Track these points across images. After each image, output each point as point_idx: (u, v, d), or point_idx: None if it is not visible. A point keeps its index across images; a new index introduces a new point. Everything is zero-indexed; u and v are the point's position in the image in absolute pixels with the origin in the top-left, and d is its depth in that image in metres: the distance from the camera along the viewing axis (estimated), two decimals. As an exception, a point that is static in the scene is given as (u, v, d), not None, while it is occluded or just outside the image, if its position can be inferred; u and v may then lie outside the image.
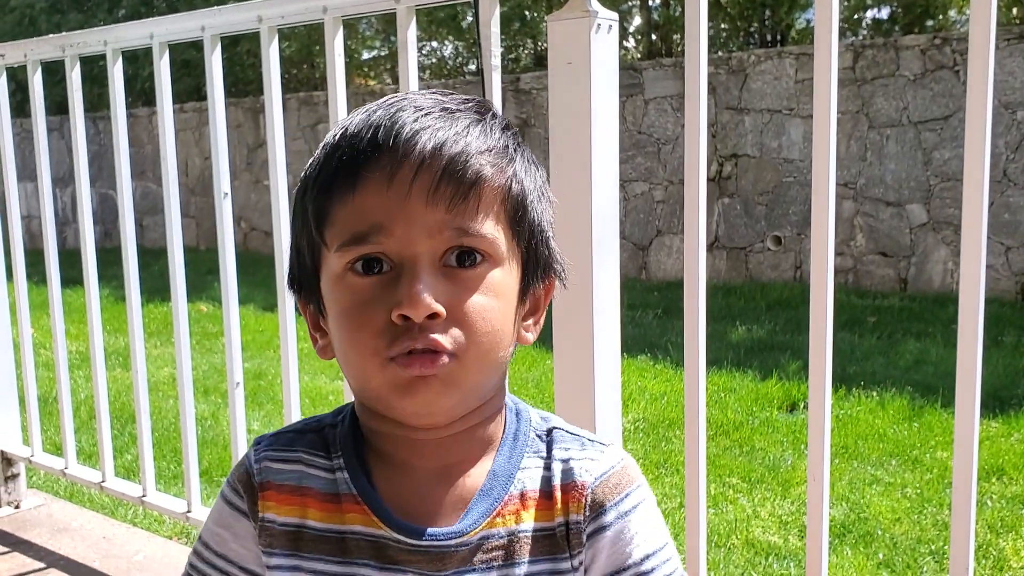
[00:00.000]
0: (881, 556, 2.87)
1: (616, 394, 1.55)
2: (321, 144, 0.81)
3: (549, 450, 0.85)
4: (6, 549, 2.58)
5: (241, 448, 2.19)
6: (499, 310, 0.78)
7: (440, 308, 0.74)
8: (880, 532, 3.02)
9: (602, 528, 0.82)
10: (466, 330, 0.76)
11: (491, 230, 0.77)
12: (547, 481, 0.84)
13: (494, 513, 0.81)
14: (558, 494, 0.83)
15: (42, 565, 2.48)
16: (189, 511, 2.36)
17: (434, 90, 0.82)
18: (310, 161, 0.81)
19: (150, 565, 2.48)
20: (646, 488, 0.86)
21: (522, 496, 0.83)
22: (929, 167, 6.60)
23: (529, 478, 0.83)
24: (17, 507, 2.86)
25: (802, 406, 4.26)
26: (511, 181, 0.78)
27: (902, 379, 4.60)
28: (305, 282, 0.83)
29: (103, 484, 2.57)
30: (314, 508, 0.83)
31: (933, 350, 5.13)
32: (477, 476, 0.83)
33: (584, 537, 0.82)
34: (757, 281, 7.37)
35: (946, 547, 2.84)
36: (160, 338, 6.14)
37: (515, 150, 0.80)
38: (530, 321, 0.85)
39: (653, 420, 4.21)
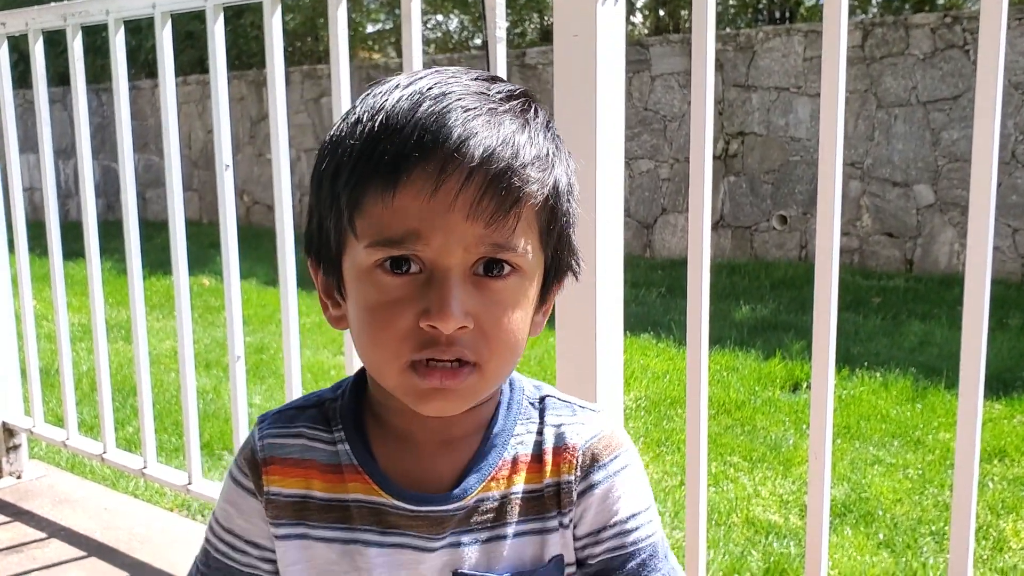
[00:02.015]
0: (881, 536, 2.87)
1: (618, 372, 1.54)
2: (354, 118, 0.78)
3: (542, 417, 0.89)
4: (7, 519, 2.59)
5: (242, 421, 2.19)
6: (521, 320, 0.80)
7: (469, 322, 0.76)
8: (881, 512, 3.03)
9: (591, 487, 0.86)
10: (490, 343, 0.78)
11: (524, 245, 0.77)
12: (539, 446, 0.87)
13: (488, 478, 0.85)
14: (548, 457, 0.87)
15: (43, 535, 2.49)
16: (190, 483, 2.37)
17: (475, 75, 0.80)
18: (340, 133, 0.79)
19: (151, 536, 2.49)
20: (634, 452, 0.90)
21: (515, 461, 0.86)
22: (937, 147, 6.56)
23: (521, 444, 0.87)
24: (19, 478, 2.87)
25: (804, 386, 4.26)
26: (549, 192, 0.79)
27: (906, 360, 4.59)
28: (325, 256, 0.83)
29: (104, 456, 2.58)
30: (317, 479, 0.87)
31: (938, 331, 5.12)
32: (473, 443, 0.86)
33: (575, 495, 0.86)
34: (762, 260, 7.35)
35: (946, 528, 2.84)
36: (162, 311, 6.15)
37: (555, 153, 0.80)
38: (539, 315, 0.87)
39: (655, 398, 4.21)
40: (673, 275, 6.86)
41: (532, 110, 0.80)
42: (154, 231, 5.40)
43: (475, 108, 0.75)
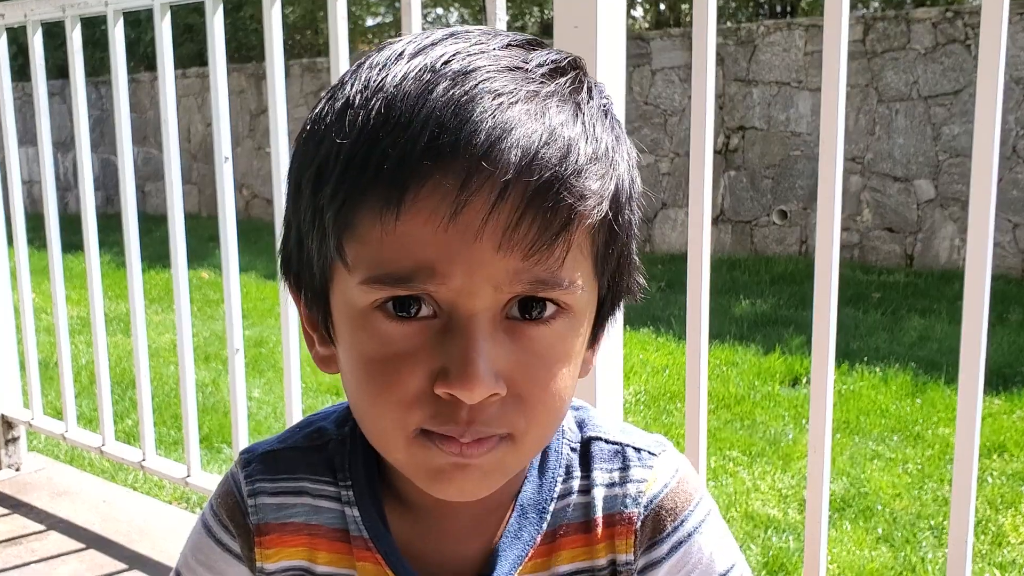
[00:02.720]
0: (880, 531, 2.87)
1: (618, 367, 1.54)
2: (342, 100, 0.58)
3: (587, 470, 0.70)
4: (6, 511, 2.59)
5: (241, 414, 2.19)
6: (569, 376, 0.62)
7: (501, 388, 0.57)
8: (880, 507, 3.03)
9: (658, 562, 0.70)
10: (529, 411, 0.59)
11: (573, 276, 0.58)
12: (586, 510, 0.70)
13: (526, 559, 0.69)
14: (600, 528, 0.69)
15: (42, 527, 2.49)
16: (188, 476, 2.37)
17: (506, 39, 0.59)
18: (324, 122, 0.59)
19: (149, 529, 2.49)
20: (708, 500, 0.72)
21: (556, 533, 0.69)
22: (938, 142, 6.56)
23: (564, 509, 0.70)
24: (17, 470, 2.87)
25: (804, 381, 4.26)
26: (608, 204, 0.58)
27: (906, 355, 4.59)
28: (308, 283, 0.64)
29: (103, 448, 2.58)
30: (324, 550, 0.71)
31: (938, 326, 5.12)
32: (503, 512, 0.70)
33: (635, 575, 0.70)
34: (762, 255, 7.35)
35: (945, 522, 2.85)
36: (161, 304, 6.14)
37: (615, 148, 0.60)
38: (590, 352, 0.68)
39: (655, 393, 4.21)
40: (673, 270, 6.86)
41: (584, 89, 0.60)
42: (153, 224, 5.41)
43: (510, 92, 0.55)
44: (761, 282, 6.47)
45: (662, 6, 10.96)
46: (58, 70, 8.86)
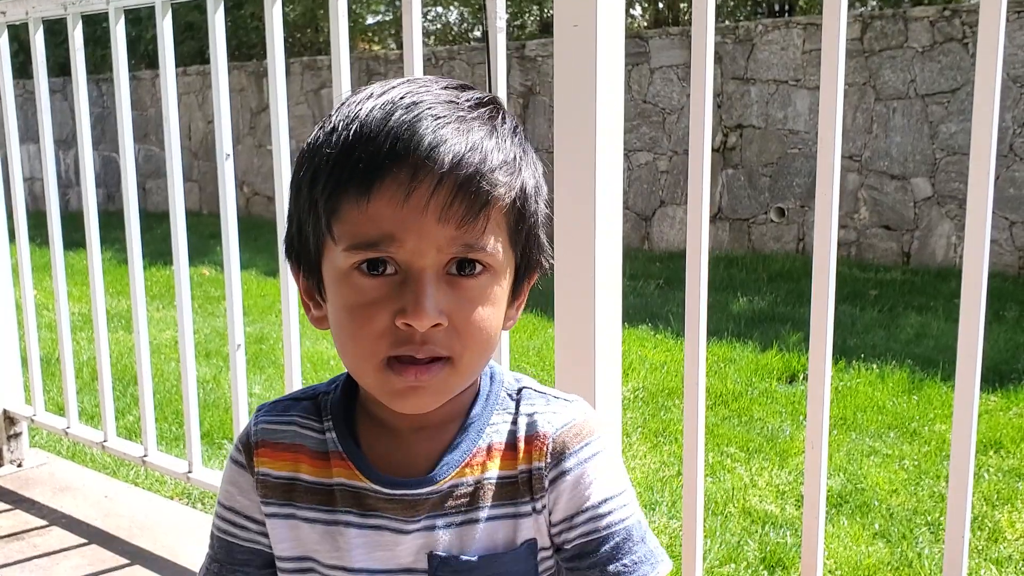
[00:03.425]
0: (877, 526, 2.89)
1: (616, 363, 1.55)
2: (330, 126, 0.82)
3: (517, 407, 0.92)
4: (8, 507, 2.60)
5: (242, 410, 2.21)
6: (493, 316, 0.84)
7: (443, 320, 0.79)
8: (877, 503, 3.04)
9: (563, 473, 0.88)
10: (464, 339, 0.81)
11: (493, 244, 0.81)
12: (512, 434, 0.91)
13: (463, 464, 0.89)
14: (521, 444, 0.90)
15: (44, 523, 2.51)
16: (190, 471, 2.38)
17: (445, 83, 0.84)
18: (317, 141, 0.83)
19: (151, 524, 2.50)
20: (607, 439, 0.92)
21: (489, 448, 0.90)
22: (935, 140, 6.57)
23: (496, 432, 0.91)
24: (19, 465, 2.88)
25: (801, 377, 4.27)
26: (516, 194, 0.82)
27: (902, 352, 4.61)
28: (305, 259, 0.87)
29: (105, 444, 2.59)
30: (306, 463, 0.92)
31: (934, 324, 5.14)
32: (450, 431, 0.90)
33: (546, 482, 0.89)
34: (760, 253, 7.36)
35: (942, 518, 2.86)
36: (162, 301, 6.15)
37: (522, 157, 0.84)
38: (512, 309, 0.91)
39: (653, 389, 4.22)
40: (671, 267, 6.87)
41: (500, 116, 0.84)
42: (154, 221, 5.41)
43: (445, 116, 0.79)
44: (759, 279, 6.49)
45: (660, 5, 10.95)
46: (59, 67, 8.85)
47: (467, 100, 0.82)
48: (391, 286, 0.79)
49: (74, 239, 3.09)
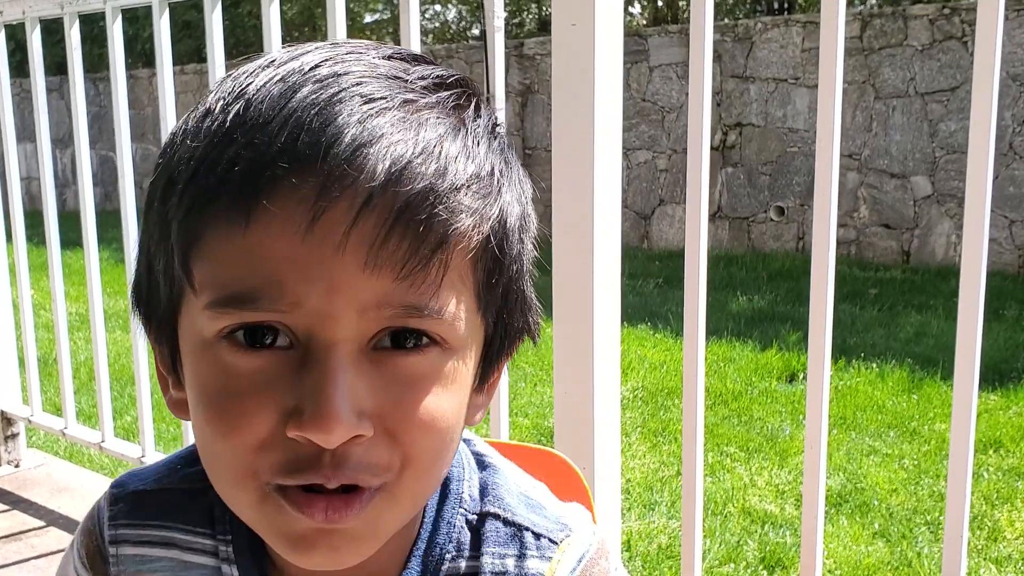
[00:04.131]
0: (877, 526, 2.88)
1: (615, 362, 1.55)
2: (204, 108, 0.53)
3: (477, 551, 0.61)
4: (6, 507, 2.59)
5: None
6: (451, 410, 0.54)
7: (367, 429, 0.50)
8: (876, 502, 3.04)
9: None
10: (404, 448, 0.52)
11: (452, 308, 0.51)
12: None
13: None
14: None
15: (42, 523, 2.50)
16: (188, 473, 2.37)
17: (389, 51, 0.55)
18: (175, 135, 0.54)
19: (149, 526, 2.50)
20: (614, 558, 0.65)
21: None
22: (935, 139, 6.57)
23: None
24: (17, 466, 2.88)
25: (801, 377, 4.27)
26: (491, 228, 0.53)
27: (902, 351, 4.60)
28: (156, 310, 0.57)
29: (103, 444, 2.58)
30: None
31: (934, 323, 5.14)
32: (396, 571, 0.63)
33: None
34: (759, 251, 7.36)
35: (941, 518, 2.86)
36: (161, 301, 6.14)
37: (503, 172, 0.54)
38: (481, 395, 0.60)
39: (652, 389, 4.22)
40: (670, 266, 6.86)
41: (472, 106, 0.54)
42: (151, 221, 5.39)
43: (382, 99, 0.50)
44: (758, 278, 6.48)
45: (659, 3, 10.96)
46: (56, 66, 8.85)
47: (420, 78, 0.52)
48: (281, 368, 0.50)
49: (71, 238, 3.09)
